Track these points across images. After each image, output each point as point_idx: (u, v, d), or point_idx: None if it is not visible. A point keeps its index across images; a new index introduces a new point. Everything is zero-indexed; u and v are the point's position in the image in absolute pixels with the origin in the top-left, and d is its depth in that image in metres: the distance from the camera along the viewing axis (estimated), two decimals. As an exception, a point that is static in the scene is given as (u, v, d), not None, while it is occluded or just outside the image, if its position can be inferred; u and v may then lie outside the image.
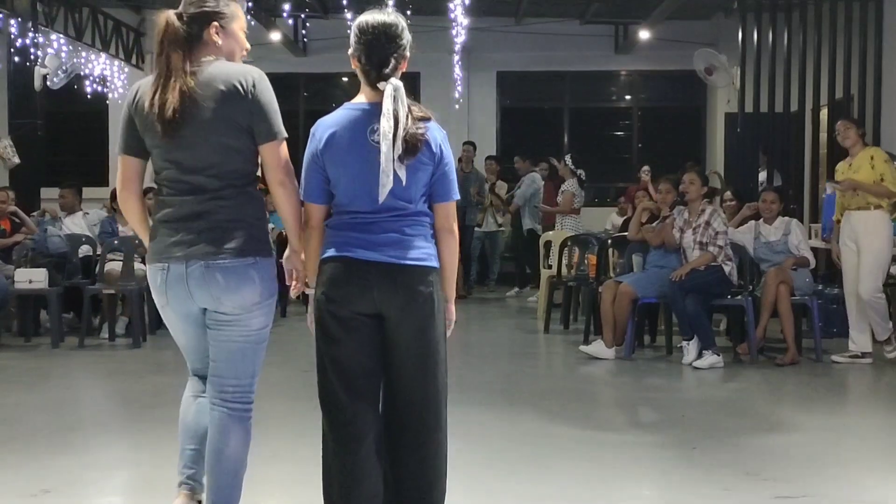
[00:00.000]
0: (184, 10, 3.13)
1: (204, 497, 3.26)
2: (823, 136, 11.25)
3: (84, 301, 8.54)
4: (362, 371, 3.10)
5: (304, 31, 15.09)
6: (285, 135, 3.14)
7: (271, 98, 3.12)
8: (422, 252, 3.10)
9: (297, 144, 3.63)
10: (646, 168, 10.93)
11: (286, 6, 12.68)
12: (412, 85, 15.11)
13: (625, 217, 10.61)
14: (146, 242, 3.29)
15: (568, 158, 11.76)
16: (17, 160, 11.10)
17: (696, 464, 4.74)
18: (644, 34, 13.81)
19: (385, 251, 3.05)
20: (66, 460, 4.74)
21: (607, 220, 12.28)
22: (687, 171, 8.30)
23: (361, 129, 3.05)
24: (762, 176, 11.31)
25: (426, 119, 3.07)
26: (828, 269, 9.45)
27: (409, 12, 10.60)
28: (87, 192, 10.39)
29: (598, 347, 7.76)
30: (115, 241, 8.83)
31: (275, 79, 3.38)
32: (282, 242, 7.37)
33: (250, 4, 11.29)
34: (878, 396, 6.81)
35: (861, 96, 10.42)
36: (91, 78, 13.81)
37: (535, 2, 13.80)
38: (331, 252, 3.09)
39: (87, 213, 9.81)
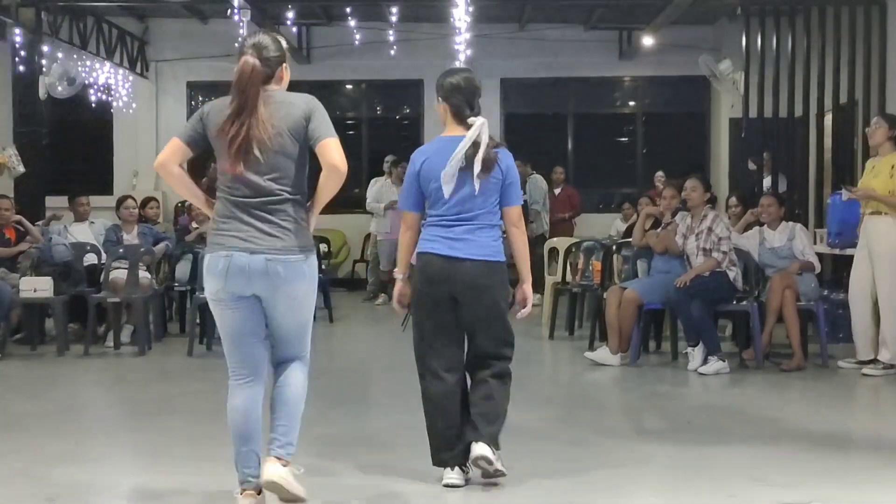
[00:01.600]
0: (259, 55, 3.75)
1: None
2: (828, 141, 11.22)
3: (89, 309, 8.55)
4: (447, 333, 4.34)
5: (307, 39, 15.11)
6: (334, 136, 3.72)
7: (322, 113, 3.78)
8: (488, 250, 4.26)
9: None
10: (659, 174, 10.87)
11: (290, 14, 12.70)
12: (416, 92, 15.24)
13: (629, 223, 10.60)
14: (201, 204, 3.95)
15: None
16: (22, 169, 11.09)
17: (701, 470, 4.74)
18: (648, 40, 13.78)
19: (460, 248, 4.24)
20: (72, 468, 4.75)
21: (611, 226, 12.26)
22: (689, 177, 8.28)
23: (449, 154, 4.18)
24: (767, 181, 11.28)
25: (499, 146, 4.31)
26: (833, 274, 9.42)
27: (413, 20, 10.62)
28: (92, 200, 10.36)
29: (603, 354, 7.75)
30: (120, 250, 8.84)
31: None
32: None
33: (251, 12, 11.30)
34: (885, 402, 6.79)
35: (865, 101, 10.38)
36: (96, 87, 13.83)
37: (539, 8, 13.80)
38: (424, 248, 4.30)
39: (93, 223, 9.78)
